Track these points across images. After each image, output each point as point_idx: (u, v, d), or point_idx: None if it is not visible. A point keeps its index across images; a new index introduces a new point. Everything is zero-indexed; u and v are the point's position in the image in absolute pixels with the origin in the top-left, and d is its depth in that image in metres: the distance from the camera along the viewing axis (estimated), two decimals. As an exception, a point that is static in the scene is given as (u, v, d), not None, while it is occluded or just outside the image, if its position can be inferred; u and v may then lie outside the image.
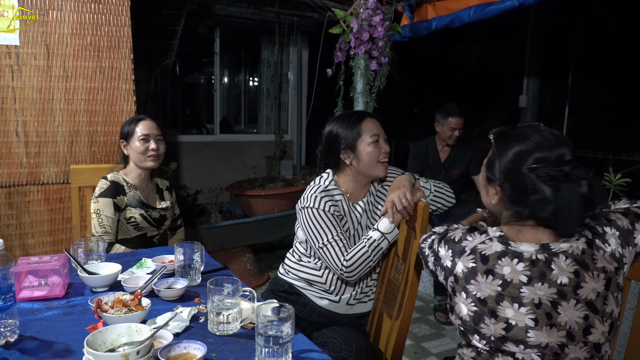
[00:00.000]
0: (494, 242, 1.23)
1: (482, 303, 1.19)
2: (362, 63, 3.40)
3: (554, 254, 1.16)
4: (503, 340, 1.17)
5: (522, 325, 1.14)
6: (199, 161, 6.09)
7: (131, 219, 2.30)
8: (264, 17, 5.91)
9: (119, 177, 2.33)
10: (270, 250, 4.97)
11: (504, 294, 1.17)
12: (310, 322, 1.90)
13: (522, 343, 1.15)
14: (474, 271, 1.22)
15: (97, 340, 1.05)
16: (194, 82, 7.56)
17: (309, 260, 1.89)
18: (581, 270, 1.13)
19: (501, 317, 1.17)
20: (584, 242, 1.16)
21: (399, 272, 1.83)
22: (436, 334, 3.21)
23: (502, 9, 3.24)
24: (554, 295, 1.13)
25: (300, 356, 1.23)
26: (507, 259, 1.19)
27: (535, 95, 5.31)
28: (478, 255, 1.23)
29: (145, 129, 2.36)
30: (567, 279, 1.13)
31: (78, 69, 2.84)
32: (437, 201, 1.95)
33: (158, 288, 1.55)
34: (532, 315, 1.14)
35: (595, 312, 1.11)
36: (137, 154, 2.33)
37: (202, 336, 1.31)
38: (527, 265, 1.17)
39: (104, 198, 2.24)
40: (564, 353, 1.12)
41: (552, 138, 1.17)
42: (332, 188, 1.86)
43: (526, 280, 1.16)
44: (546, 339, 1.12)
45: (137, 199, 2.33)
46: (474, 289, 1.21)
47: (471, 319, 1.21)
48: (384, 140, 1.84)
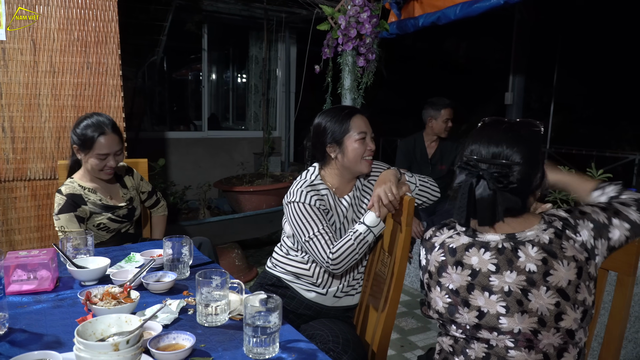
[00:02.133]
0: (461, 235, 1.28)
1: (455, 294, 1.24)
2: (349, 59, 3.42)
3: (520, 243, 1.20)
4: (477, 328, 1.21)
5: (494, 313, 1.18)
6: (187, 157, 6.09)
7: (100, 225, 2.25)
8: (253, 14, 5.91)
9: (74, 186, 2.21)
10: (259, 247, 4.98)
11: (474, 283, 1.21)
12: (298, 314, 1.93)
13: (495, 330, 1.18)
14: (444, 264, 1.27)
15: (87, 330, 1.07)
16: (182, 78, 7.52)
17: (296, 254, 1.92)
18: (549, 258, 1.17)
19: (473, 306, 1.21)
20: (552, 232, 1.20)
21: (385, 266, 1.86)
22: (422, 328, 3.25)
23: (488, 6, 3.27)
24: (524, 283, 1.17)
25: (287, 346, 1.26)
26: (474, 249, 1.24)
27: (521, 93, 5.37)
28: (447, 248, 1.28)
29: (105, 147, 2.18)
30: (535, 267, 1.16)
31: (65, 65, 2.83)
32: (422, 195, 1.98)
33: (147, 281, 1.57)
34: (502, 302, 1.17)
35: (567, 299, 1.15)
36: (93, 168, 2.21)
37: (191, 327, 1.33)
38: (494, 254, 1.21)
39: (64, 214, 2.15)
40: (537, 339, 1.16)
41: (497, 135, 1.22)
42: (318, 182, 1.88)
43: (494, 269, 1.20)
44: (518, 325, 1.16)
45: (99, 205, 2.24)
46: (446, 281, 1.26)
47: (446, 310, 1.26)
48: (370, 139, 1.87)
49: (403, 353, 2.91)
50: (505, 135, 1.22)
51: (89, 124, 2.20)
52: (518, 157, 1.19)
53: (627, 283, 1.35)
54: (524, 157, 1.19)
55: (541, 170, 1.26)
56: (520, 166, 1.19)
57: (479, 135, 1.26)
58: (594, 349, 2.40)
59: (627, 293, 1.35)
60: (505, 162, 1.19)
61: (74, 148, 2.23)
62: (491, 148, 1.21)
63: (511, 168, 1.19)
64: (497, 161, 1.19)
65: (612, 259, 1.37)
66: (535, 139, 1.26)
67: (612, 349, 1.39)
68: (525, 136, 1.23)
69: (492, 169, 1.19)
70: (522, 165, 1.19)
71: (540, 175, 1.26)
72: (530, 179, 1.22)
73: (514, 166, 1.19)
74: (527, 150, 1.20)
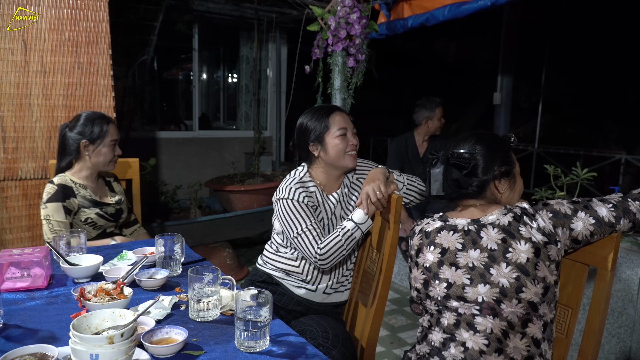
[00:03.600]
0: (435, 221, 1.52)
1: (428, 270, 1.47)
2: (339, 60, 3.46)
3: (483, 225, 1.42)
4: (447, 299, 1.41)
5: (459, 284, 1.39)
6: (178, 157, 6.09)
7: (88, 220, 2.27)
8: (243, 14, 5.93)
9: (67, 179, 2.26)
10: (250, 246, 5.01)
11: (444, 259, 1.44)
12: (288, 310, 1.97)
13: (461, 299, 1.39)
14: (421, 246, 1.51)
15: (82, 324, 1.09)
16: (173, 78, 7.51)
17: (286, 251, 1.95)
18: (508, 238, 1.37)
19: (442, 279, 1.43)
20: (511, 216, 1.40)
21: (373, 262, 1.90)
22: (412, 325, 3.30)
23: (475, 8, 3.33)
24: (486, 259, 1.37)
25: (277, 339, 1.29)
26: (444, 231, 1.47)
27: (509, 93, 5.44)
28: (423, 233, 1.52)
29: (115, 133, 2.32)
30: (495, 245, 1.37)
31: (56, 64, 2.85)
32: (409, 194, 2.03)
33: (140, 278, 1.59)
34: (467, 275, 1.39)
35: (527, 274, 1.33)
36: (104, 159, 2.29)
37: (183, 322, 1.36)
38: (461, 235, 1.44)
39: (52, 203, 2.18)
40: (499, 308, 1.34)
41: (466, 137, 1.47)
42: (307, 180, 1.92)
43: (461, 247, 1.42)
44: (481, 294, 1.36)
45: (88, 199, 2.28)
46: (422, 260, 1.49)
47: (422, 286, 1.48)
48: (351, 134, 1.91)
49: (393, 349, 2.95)
50: (472, 138, 1.49)
51: (93, 117, 2.29)
52: (477, 150, 1.45)
53: (606, 277, 1.40)
54: (482, 151, 1.45)
55: (501, 164, 1.45)
56: (480, 157, 1.44)
57: (455, 139, 1.52)
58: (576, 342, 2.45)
59: (605, 287, 1.40)
60: (466, 151, 1.46)
61: (83, 144, 2.25)
62: (459, 145, 1.49)
63: (472, 155, 1.44)
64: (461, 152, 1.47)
65: (591, 254, 1.42)
66: (497, 141, 1.49)
67: (592, 342, 1.43)
68: (489, 139, 1.48)
69: (457, 155, 1.46)
70: (481, 157, 1.44)
71: (499, 169, 1.45)
72: (487, 169, 1.44)
73: (475, 154, 1.44)
74: (487, 148, 1.45)
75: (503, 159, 1.46)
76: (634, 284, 2.52)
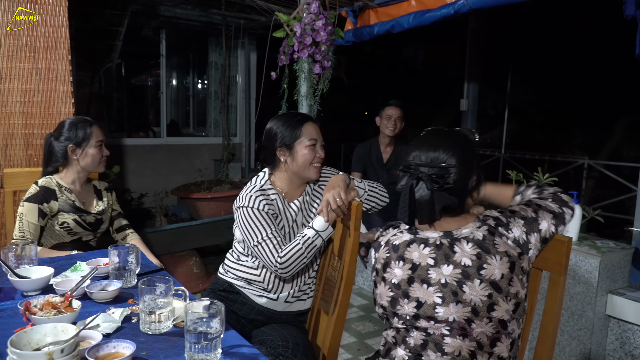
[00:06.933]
0: (404, 233, 1.40)
1: (397, 287, 1.34)
2: (305, 66, 3.45)
3: (456, 239, 1.32)
4: (416, 318, 1.30)
5: (431, 303, 1.28)
6: (146, 164, 5.99)
7: (64, 224, 2.25)
8: (211, 20, 5.88)
9: (52, 182, 2.27)
10: (218, 254, 4.94)
11: (414, 276, 1.32)
12: (249, 320, 1.94)
13: (432, 319, 1.28)
14: (388, 260, 1.37)
15: (22, 340, 1.05)
16: (141, 84, 7.40)
17: (247, 260, 1.93)
18: (483, 253, 1.28)
19: (413, 297, 1.31)
20: (485, 229, 1.31)
21: (335, 270, 1.89)
22: (379, 331, 3.30)
23: (439, 16, 3.37)
24: (459, 276, 1.27)
25: (230, 351, 1.27)
26: (415, 245, 1.35)
27: (475, 99, 5.51)
28: (390, 245, 1.39)
29: (101, 134, 2.36)
30: (470, 261, 1.27)
31: (12, 70, 2.77)
32: (371, 200, 2.02)
33: (91, 290, 1.55)
34: (439, 293, 1.28)
35: (499, 292, 1.25)
36: (93, 161, 2.32)
37: (133, 336, 1.32)
38: (433, 249, 1.32)
39: (29, 203, 2.19)
40: (470, 327, 1.26)
41: (435, 142, 1.34)
42: (267, 187, 1.90)
43: (433, 263, 1.31)
44: (453, 314, 1.26)
45: (70, 204, 2.27)
46: (389, 276, 1.36)
47: (389, 303, 1.35)
48: (320, 146, 1.91)
49: (359, 357, 2.94)
50: (442, 142, 1.35)
51: (76, 122, 2.32)
52: (453, 161, 1.31)
53: (559, 282, 1.41)
54: (459, 161, 1.31)
55: (476, 173, 1.37)
56: (456, 168, 1.31)
57: (419, 143, 1.38)
58: (531, 345, 2.48)
59: (558, 292, 1.41)
60: (442, 165, 1.31)
61: (70, 148, 2.27)
62: (430, 153, 1.33)
63: (447, 170, 1.30)
64: (434, 164, 1.32)
65: (544, 259, 1.44)
66: (469, 145, 1.39)
67: (547, 345, 1.45)
68: (461, 143, 1.36)
69: (430, 171, 1.31)
70: (457, 168, 1.31)
71: (475, 178, 1.37)
72: (465, 181, 1.34)
73: (450, 168, 1.30)
74: (462, 155, 1.33)
75: (478, 164, 1.37)
76: (592, 287, 2.57)
